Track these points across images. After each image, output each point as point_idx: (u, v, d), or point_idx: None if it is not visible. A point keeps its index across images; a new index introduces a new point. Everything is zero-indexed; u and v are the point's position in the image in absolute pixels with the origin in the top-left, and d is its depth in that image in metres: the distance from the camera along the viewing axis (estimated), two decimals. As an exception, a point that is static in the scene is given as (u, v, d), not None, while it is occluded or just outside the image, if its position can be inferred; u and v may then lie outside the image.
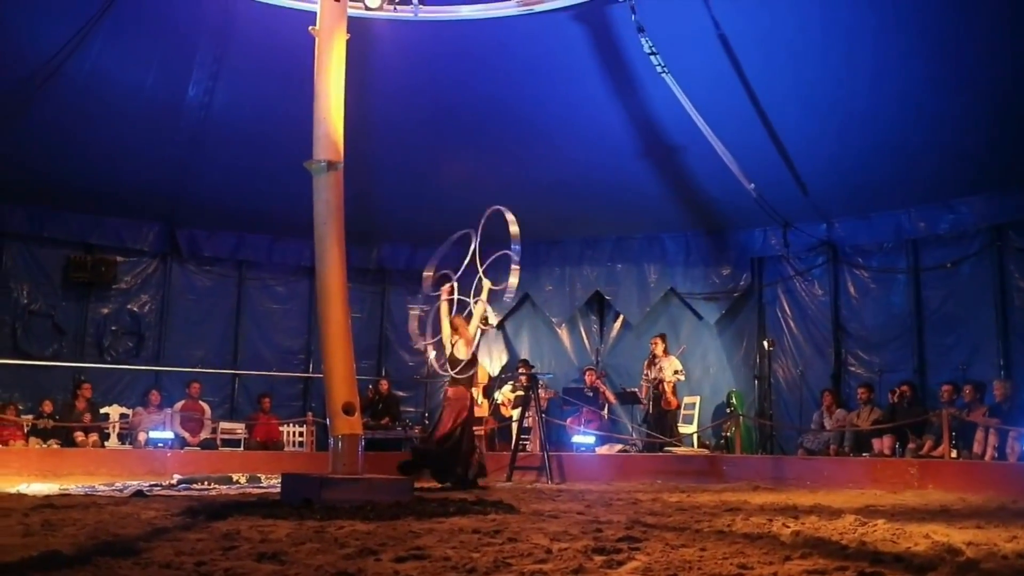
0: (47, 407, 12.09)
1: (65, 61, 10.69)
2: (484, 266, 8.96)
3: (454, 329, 9.34)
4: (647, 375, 12.57)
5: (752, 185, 11.83)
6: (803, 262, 13.20)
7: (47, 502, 6.42)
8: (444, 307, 9.47)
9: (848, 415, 11.56)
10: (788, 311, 13.28)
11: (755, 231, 13.46)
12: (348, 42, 7.54)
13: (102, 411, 12.63)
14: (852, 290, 12.72)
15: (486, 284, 9.07)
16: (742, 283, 13.64)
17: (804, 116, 10.93)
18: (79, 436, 11.96)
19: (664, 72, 10.51)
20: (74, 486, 8.61)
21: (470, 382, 9.49)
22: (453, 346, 9.34)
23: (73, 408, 12.18)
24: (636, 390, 12.89)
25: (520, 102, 11.82)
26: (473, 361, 9.28)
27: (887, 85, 10.18)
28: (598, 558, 3.72)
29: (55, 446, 11.65)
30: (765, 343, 12.85)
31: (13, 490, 7.81)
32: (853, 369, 12.57)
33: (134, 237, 13.92)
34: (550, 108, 11.86)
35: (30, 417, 12.07)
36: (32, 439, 11.74)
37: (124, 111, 11.62)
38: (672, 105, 11.01)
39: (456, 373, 9.04)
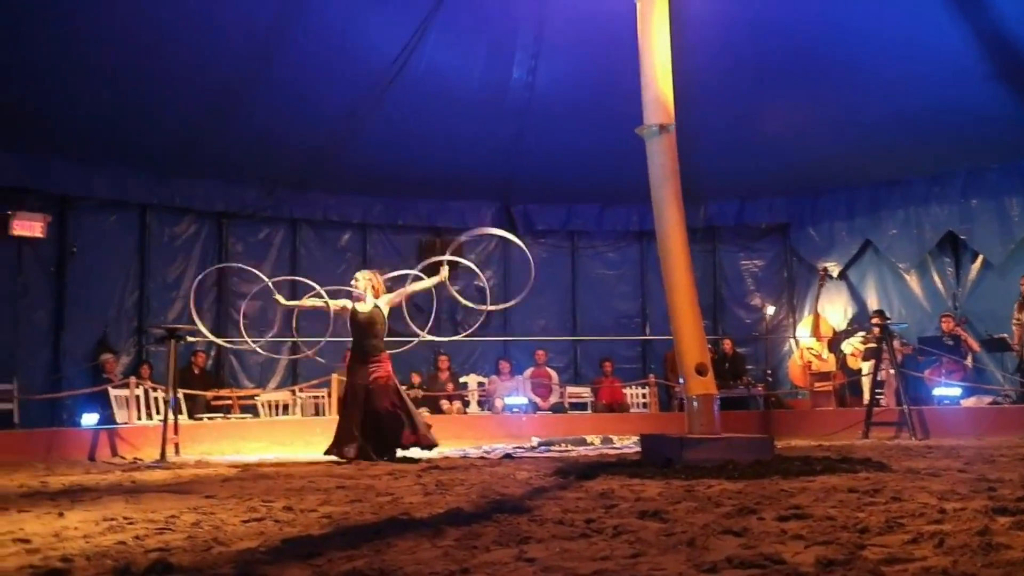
0: (415, 379, 13.42)
1: (406, 62, 11.63)
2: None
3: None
4: (1018, 319, 11.35)
5: None
6: None
7: (432, 464, 7.11)
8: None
9: None
10: None
11: None
12: (667, -1, 7.46)
13: (461, 380, 13.76)
14: None
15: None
16: None
17: None
18: (444, 404, 13.13)
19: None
20: (448, 449, 9.47)
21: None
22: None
23: (437, 379, 13.40)
24: (1005, 336, 11.68)
25: (845, 31, 11.01)
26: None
27: None
28: (1002, 519, 3.41)
29: (425, 413, 12.83)
30: None
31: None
32: None
33: (474, 217, 14.92)
34: (880, 33, 10.90)
35: (403, 388, 13.43)
36: (406, 408, 13.08)
37: (458, 100, 12.40)
38: (1030, 13, 9.79)
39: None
